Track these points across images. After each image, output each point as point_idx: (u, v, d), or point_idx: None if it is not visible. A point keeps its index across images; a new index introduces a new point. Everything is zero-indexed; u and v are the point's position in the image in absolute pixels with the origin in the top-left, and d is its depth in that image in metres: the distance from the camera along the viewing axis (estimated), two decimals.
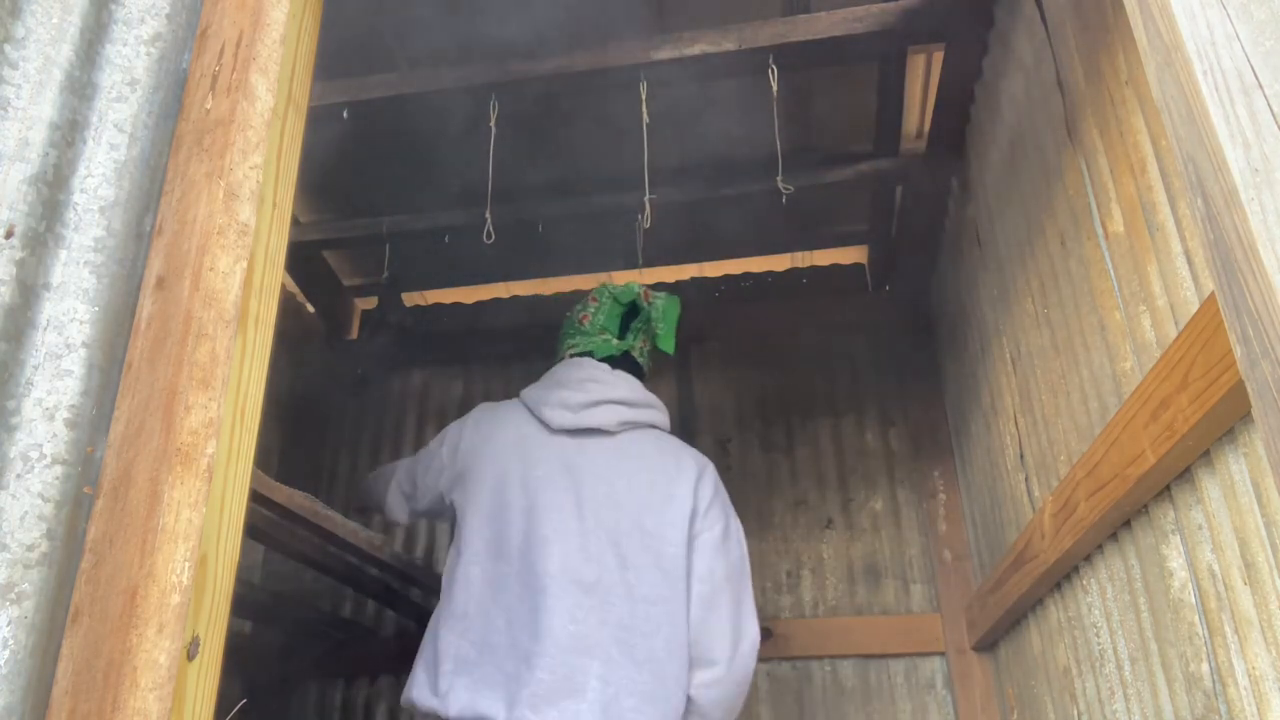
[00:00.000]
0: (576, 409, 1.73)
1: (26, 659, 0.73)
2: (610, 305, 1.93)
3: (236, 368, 0.86)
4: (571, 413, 1.73)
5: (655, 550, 1.63)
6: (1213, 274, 0.73)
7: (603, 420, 1.73)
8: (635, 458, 1.72)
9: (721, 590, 1.66)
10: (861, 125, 2.57)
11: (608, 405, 1.74)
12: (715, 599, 1.65)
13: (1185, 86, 0.75)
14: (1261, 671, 1.06)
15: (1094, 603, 1.60)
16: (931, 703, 2.53)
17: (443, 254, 2.84)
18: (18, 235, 0.82)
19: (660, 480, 1.70)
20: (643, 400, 1.81)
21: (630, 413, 1.76)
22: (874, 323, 2.98)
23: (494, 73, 2.12)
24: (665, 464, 1.72)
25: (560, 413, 1.73)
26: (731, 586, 1.68)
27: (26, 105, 0.87)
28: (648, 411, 1.81)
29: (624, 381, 1.81)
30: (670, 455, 1.76)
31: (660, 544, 1.64)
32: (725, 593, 1.66)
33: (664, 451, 1.76)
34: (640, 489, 1.68)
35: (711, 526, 1.70)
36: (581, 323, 1.92)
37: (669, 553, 1.63)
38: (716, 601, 1.65)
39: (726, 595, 1.66)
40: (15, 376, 0.79)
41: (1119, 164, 1.38)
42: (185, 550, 0.77)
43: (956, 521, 2.65)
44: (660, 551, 1.63)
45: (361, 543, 1.99)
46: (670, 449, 1.78)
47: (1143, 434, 1.23)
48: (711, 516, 1.71)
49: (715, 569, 1.66)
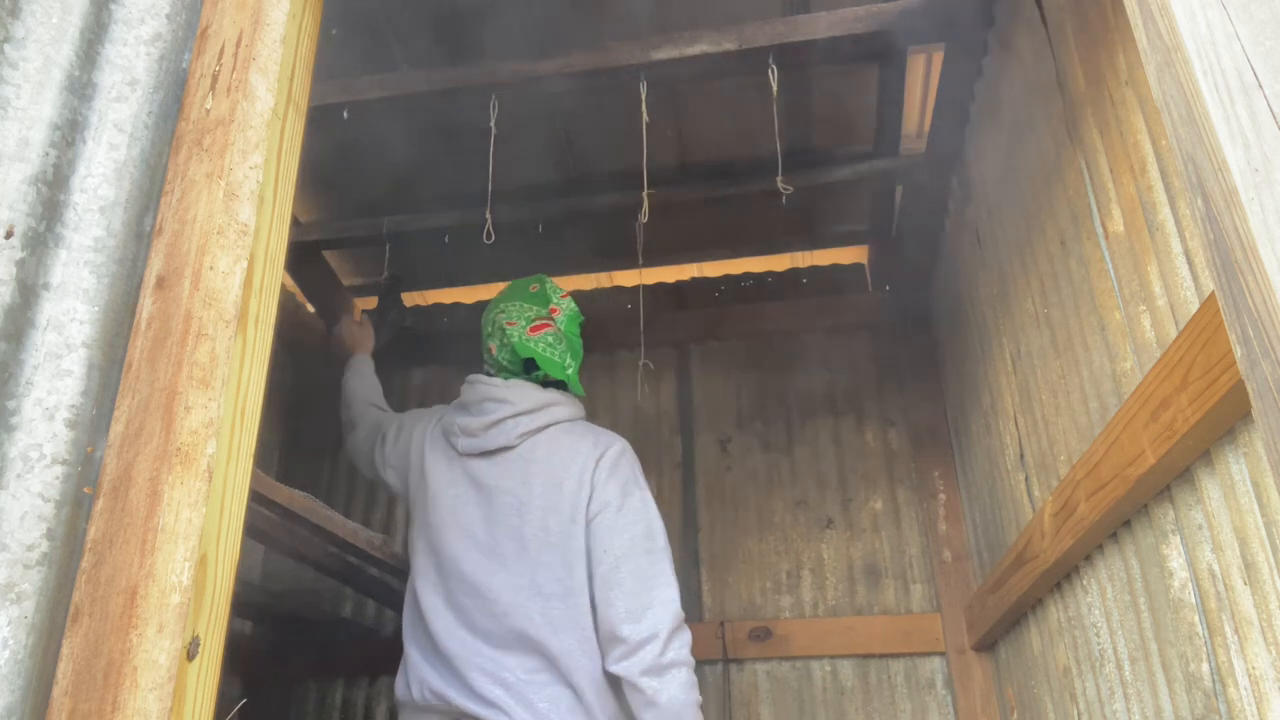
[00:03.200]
0: (478, 433, 1.82)
1: (26, 659, 0.73)
2: (510, 355, 1.90)
3: (236, 368, 0.86)
4: (474, 437, 1.83)
5: (560, 547, 1.67)
6: (1213, 274, 0.73)
7: (503, 439, 1.80)
8: (539, 461, 1.77)
9: (620, 566, 1.63)
10: (861, 125, 2.56)
11: (508, 421, 1.80)
12: (614, 575, 1.63)
13: (1185, 86, 0.75)
14: (1261, 671, 1.06)
15: (1094, 603, 1.60)
16: (931, 703, 2.54)
17: (443, 254, 2.84)
18: (18, 235, 0.82)
19: (558, 477, 1.73)
20: (541, 403, 1.83)
21: (530, 420, 1.81)
22: (874, 323, 2.98)
23: (494, 73, 2.12)
24: (564, 459, 1.75)
25: (464, 440, 1.84)
26: (633, 560, 1.64)
27: (26, 105, 0.87)
28: (549, 411, 1.83)
29: (518, 391, 1.84)
30: (569, 448, 1.77)
31: (564, 540, 1.68)
32: (625, 568, 1.63)
33: (564, 448, 1.78)
34: (540, 493, 1.73)
35: (606, 504, 1.69)
36: (490, 350, 1.95)
37: (573, 546, 1.67)
38: (615, 578, 1.63)
39: (627, 569, 1.63)
40: (15, 376, 0.79)
41: (1119, 164, 1.38)
42: (185, 550, 0.77)
43: (956, 521, 2.65)
44: (565, 547, 1.67)
45: (361, 543, 1.99)
46: (570, 442, 1.79)
47: (1143, 434, 1.23)
48: (606, 494, 1.70)
49: (611, 546, 1.65)
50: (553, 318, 1.92)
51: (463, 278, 3.26)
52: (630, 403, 3.00)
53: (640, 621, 1.58)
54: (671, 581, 1.64)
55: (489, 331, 1.96)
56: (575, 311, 1.98)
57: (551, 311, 1.93)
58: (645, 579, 1.62)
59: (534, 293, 1.96)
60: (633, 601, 1.60)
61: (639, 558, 1.64)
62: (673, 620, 1.59)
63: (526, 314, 1.92)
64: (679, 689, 1.55)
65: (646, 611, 1.59)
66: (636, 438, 2.96)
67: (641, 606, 1.59)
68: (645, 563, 1.64)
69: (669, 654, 1.56)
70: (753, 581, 2.75)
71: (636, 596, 1.60)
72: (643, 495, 1.73)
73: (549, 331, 1.90)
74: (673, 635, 1.58)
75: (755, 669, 2.65)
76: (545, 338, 1.89)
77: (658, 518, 1.72)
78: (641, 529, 1.68)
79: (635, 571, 1.63)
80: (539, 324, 1.91)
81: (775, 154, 2.12)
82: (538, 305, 1.94)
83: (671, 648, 1.57)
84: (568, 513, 1.69)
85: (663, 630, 1.57)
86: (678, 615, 1.61)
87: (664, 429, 2.99)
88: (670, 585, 1.63)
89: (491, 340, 1.94)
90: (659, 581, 1.63)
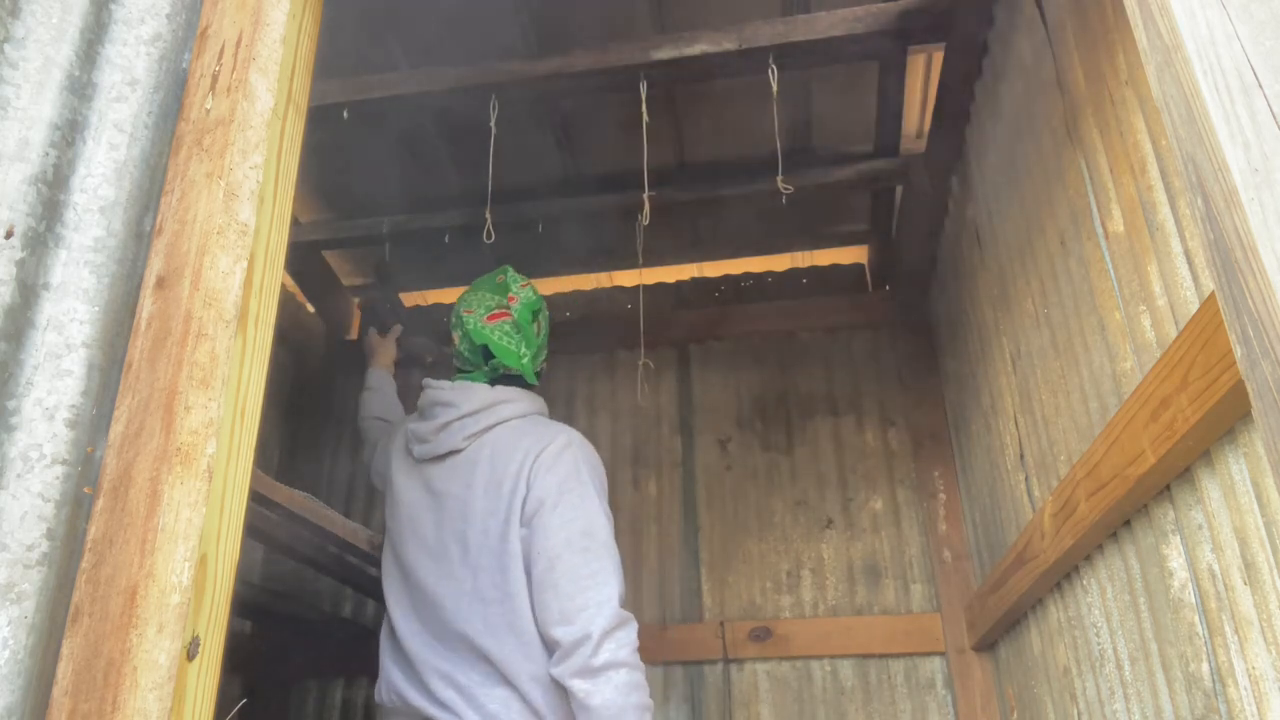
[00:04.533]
0: (429, 438, 1.83)
1: (26, 659, 0.73)
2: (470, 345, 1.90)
3: (236, 368, 0.86)
4: (426, 443, 1.84)
5: (496, 550, 1.65)
6: (1213, 274, 0.73)
7: (451, 443, 1.79)
8: (483, 462, 1.74)
9: (554, 566, 1.58)
10: (861, 125, 2.57)
11: (454, 424, 1.80)
12: (548, 577, 1.58)
13: (1185, 86, 0.75)
14: (1261, 671, 1.06)
15: (1094, 603, 1.60)
16: (931, 703, 2.54)
17: (443, 254, 2.84)
18: (18, 235, 0.82)
19: (499, 477, 1.70)
20: (486, 403, 1.80)
21: (474, 422, 1.79)
22: (874, 323, 2.98)
23: (494, 73, 2.12)
24: (504, 459, 1.72)
25: (418, 446, 1.85)
26: (567, 560, 1.58)
27: (26, 105, 0.87)
28: (495, 410, 1.80)
29: (464, 393, 1.83)
30: (509, 448, 1.73)
31: (500, 542, 1.65)
32: (559, 568, 1.57)
33: (506, 447, 1.74)
34: (482, 494, 1.70)
35: (542, 503, 1.64)
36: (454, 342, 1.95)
37: (508, 549, 1.63)
38: (550, 579, 1.57)
39: (561, 569, 1.57)
40: (15, 376, 0.79)
41: (1119, 164, 1.38)
42: (185, 550, 0.77)
43: (956, 521, 2.65)
44: (501, 550, 1.64)
45: (361, 543, 1.99)
46: (513, 440, 1.75)
47: (1143, 434, 1.23)
48: (542, 491, 1.65)
49: (546, 546, 1.60)
50: (510, 306, 1.89)
51: (463, 278, 3.25)
52: (630, 403, 3.00)
53: (573, 623, 1.52)
54: (609, 580, 1.57)
55: (453, 323, 1.95)
56: (533, 299, 1.93)
57: (509, 300, 1.90)
58: (578, 579, 1.56)
59: (498, 283, 1.94)
60: (566, 603, 1.54)
61: (573, 557, 1.58)
62: (607, 621, 1.52)
63: (486, 303, 1.90)
64: (614, 692, 1.48)
65: (580, 613, 1.53)
66: (636, 438, 2.99)
67: (575, 608, 1.54)
68: (579, 562, 1.58)
69: (602, 655, 1.49)
70: (753, 581, 2.75)
71: (571, 598, 1.55)
72: (582, 491, 1.66)
73: (505, 320, 1.88)
74: (606, 636, 1.51)
75: (755, 669, 2.65)
76: (502, 325, 1.87)
77: (600, 514, 1.65)
78: (579, 527, 1.62)
79: (569, 572, 1.57)
80: (497, 313, 1.88)
81: (775, 154, 2.12)
82: (498, 295, 1.91)
83: (605, 649, 1.50)
84: (503, 514, 1.66)
85: (595, 631, 1.50)
86: (614, 615, 1.53)
87: (664, 429, 2.99)
88: (607, 584, 1.56)
89: (455, 331, 1.93)
90: (595, 581, 1.56)
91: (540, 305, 1.94)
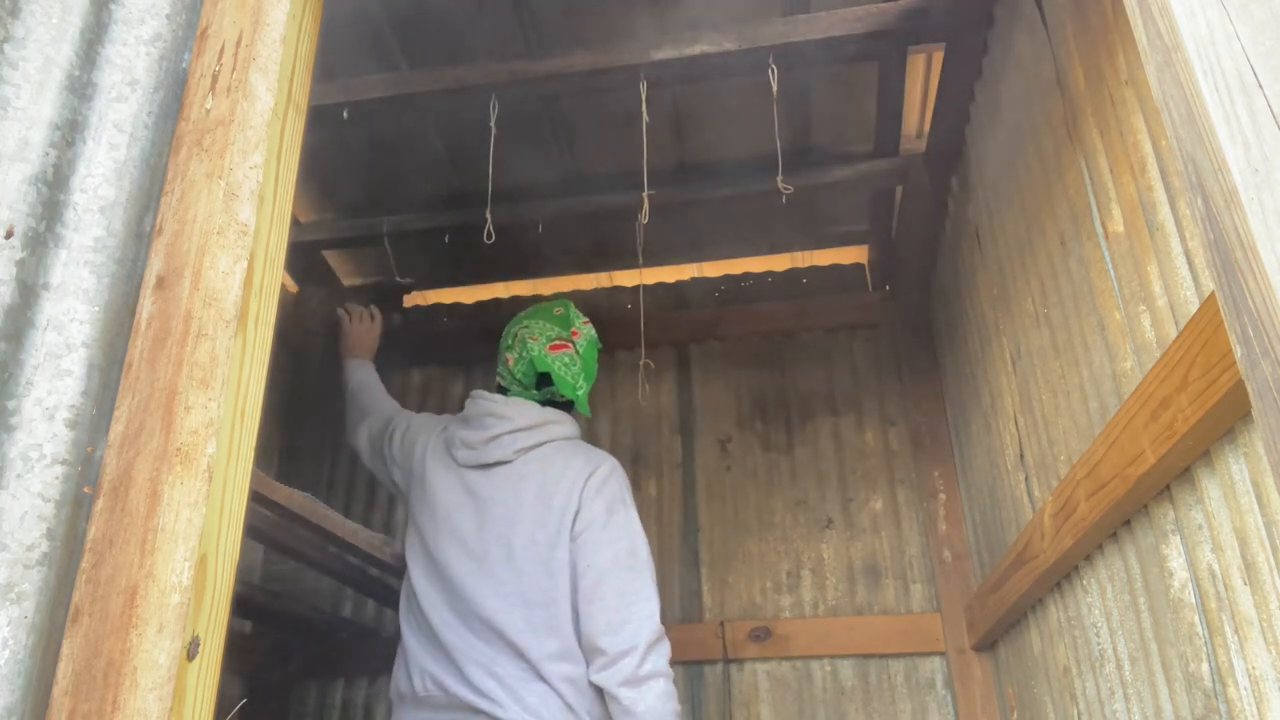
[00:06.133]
0: (477, 446, 1.92)
1: (26, 659, 0.73)
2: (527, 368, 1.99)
3: (236, 368, 0.86)
4: (473, 450, 1.92)
5: (544, 558, 1.76)
6: (1213, 274, 0.73)
7: (501, 454, 1.89)
8: (532, 476, 1.86)
9: (603, 580, 1.71)
10: (861, 125, 2.57)
11: (505, 436, 1.90)
12: (596, 589, 1.71)
13: (1185, 86, 0.75)
14: (1261, 671, 1.06)
15: (1094, 603, 1.60)
16: (931, 703, 2.54)
17: (443, 254, 2.84)
18: (18, 235, 0.82)
19: (549, 492, 1.82)
20: (538, 421, 1.93)
21: (526, 437, 1.90)
22: (874, 323, 2.98)
23: (494, 73, 2.12)
24: (555, 475, 1.84)
25: (464, 452, 1.93)
26: (615, 575, 1.72)
27: (26, 105, 0.87)
28: (546, 429, 1.93)
29: (517, 408, 1.94)
30: (561, 465, 1.86)
31: (550, 551, 1.76)
32: (607, 582, 1.71)
33: (557, 464, 1.86)
34: (531, 506, 1.81)
35: (592, 521, 1.77)
36: (507, 362, 2.03)
37: (557, 557, 1.75)
38: (598, 592, 1.70)
39: (609, 584, 1.71)
40: (15, 376, 0.79)
41: (1119, 164, 1.38)
42: (185, 550, 0.77)
43: (956, 521, 2.65)
44: (550, 558, 1.75)
45: (361, 543, 1.99)
46: (563, 459, 1.87)
47: (1143, 434, 1.23)
48: (593, 511, 1.78)
49: (595, 561, 1.73)
50: (573, 340, 2.02)
51: (463, 278, 3.26)
52: (630, 403, 3.00)
53: (619, 634, 1.66)
54: (651, 597, 1.72)
55: (509, 344, 2.04)
56: (594, 339, 2.08)
57: (573, 334, 2.03)
58: (625, 594, 1.70)
59: (558, 315, 2.06)
60: (613, 615, 1.68)
61: (621, 573, 1.72)
62: (651, 634, 1.66)
63: (548, 333, 2.01)
64: (656, 699, 1.62)
65: (625, 625, 1.67)
66: (636, 438, 2.99)
67: (621, 620, 1.67)
68: (627, 578, 1.72)
69: (646, 666, 1.64)
70: (753, 581, 2.75)
71: (617, 610, 1.68)
72: (627, 514, 1.81)
73: (567, 352, 2.00)
74: (650, 648, 1.65)
75: (755, 669, 2.65)
76: (562, 357, 1.99)
77: (641, 535, 1.80)
78: (625, 545, 1.76)
79: (616, 586, 1.71)
80: (559, 344, 2.00)
81: (775, 154, 2.12)
82: (559, 327, 2.03)
83: (649, 660, 1.64)
84: (555, 526, 1.77)
85: (640, 643, 1.65)
86: (656, 629, 1.68)
87: (664, 429, 2.99)
88: (649, 600, 1.71)
89: (510, 352, 2.02)
90: (639, 597, 1.70)
91: (599, 345, 2.08)
